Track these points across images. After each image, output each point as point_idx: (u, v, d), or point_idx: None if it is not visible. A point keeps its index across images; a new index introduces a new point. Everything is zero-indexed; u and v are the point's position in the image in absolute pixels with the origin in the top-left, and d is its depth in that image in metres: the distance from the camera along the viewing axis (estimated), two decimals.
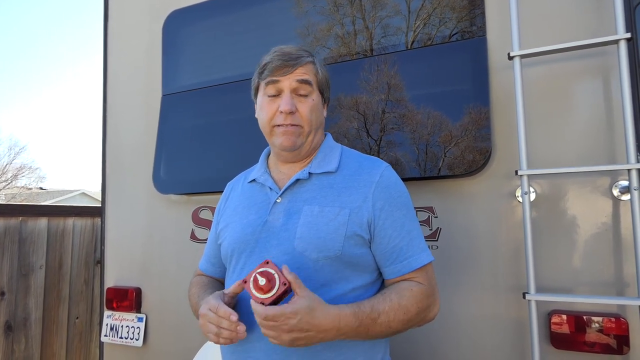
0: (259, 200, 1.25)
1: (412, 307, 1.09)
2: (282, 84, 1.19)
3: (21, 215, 2.94)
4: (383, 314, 1.05)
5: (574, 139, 1.45)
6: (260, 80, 1.24)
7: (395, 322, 1.07)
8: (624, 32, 1.33)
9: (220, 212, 1.38)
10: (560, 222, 1.44)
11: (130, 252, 2.23)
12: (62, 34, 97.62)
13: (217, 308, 1.04)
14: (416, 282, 1.13)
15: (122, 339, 2.15)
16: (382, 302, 1.08)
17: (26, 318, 2.90)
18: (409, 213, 1.18)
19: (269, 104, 1.21)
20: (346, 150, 1.30)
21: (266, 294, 0.97)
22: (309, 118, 1.20)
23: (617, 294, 1.36)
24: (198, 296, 1.27)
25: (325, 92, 1.29)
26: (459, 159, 1.51)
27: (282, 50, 1.22)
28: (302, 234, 1.12)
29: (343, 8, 1.81)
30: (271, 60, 1.20)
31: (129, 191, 2.27)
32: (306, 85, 1.20)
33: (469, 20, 1.61)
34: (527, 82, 1.50)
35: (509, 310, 1.47)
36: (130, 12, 2.38)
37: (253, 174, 1.33)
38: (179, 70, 2.17)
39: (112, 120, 2.38)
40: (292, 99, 1.18)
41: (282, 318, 0.95)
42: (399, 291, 1.10)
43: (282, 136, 1.19)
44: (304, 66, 1.21)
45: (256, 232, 1.18)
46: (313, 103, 1.21)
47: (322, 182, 1.20)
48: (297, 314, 0.96)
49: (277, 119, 1.19)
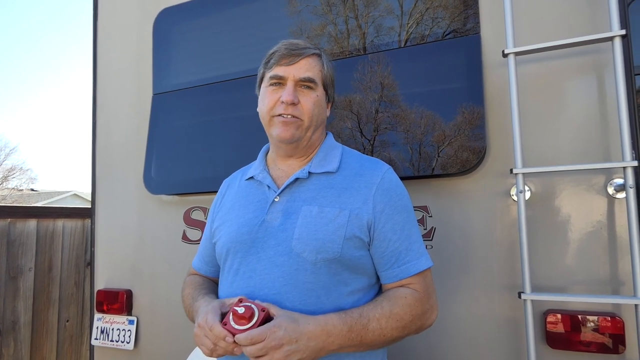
0: (257, 199, 1.22)
1: (405, 314, 1.07)
2: (287, 73, 1.17)
3: (10, 216, 2.90)
4: (374, 321, 1.03)
5: (569, 137, 1.44)
6: (266, 69, 1.23)
7: (389, 330, 1.05)
8: (618, 29, 1.32)
9: (215, 209, 1.35)
10: (555, 221, 1.44)
11: (121, 253, 2.20)
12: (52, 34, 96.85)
13: (212, 327, 1.00)
14: (411, 290, 1.11)
15: (113, 342, 2.11)
16: (372, 308, 1.06)
17: (15, 321, 2.85)
18: (409, 217, 1.16)
19: (271, 93, 1.19)
20: (347, 150, 1.28)
21: (248, 324, 0.97)
22: (310, 112, 1.17)
23: (613, 292, 1.36)
24: (192, 297, 1.24)
25: (329, 89, 1.26)
26: (453, 158, 1.50)
27: (289, 41, 1.21)
28: (301, 234, 1.09)
29: (336, 6, 1.79)
30: (278, 50, 1.20)
31: (120, 192, 2.24)
32: (310, 80, 1.18)
33: (462, 17, 1.59)
34: (522, 79, 1.49)
35: (505, 310, 1.46)
36: (120, 11, 2.35)
37: (251, 171, 1.30)
38: (170, 69, 2.14)
39: (102, 120, 2.35)
40: (294, 90, 1.16)
41: (267, 334, 0.94)
42: (392, 298, 1.09)
43: (280, 127, 1.16)
44: (309, 57, 1.19)
45: (253, 232, 1.15)
46: (317, 98, 1.19)
47: (321, 182, 1.17)
48: (281, 326, 0.95)
49: (277, 108, 1.17)
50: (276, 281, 1.08)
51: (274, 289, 1.07)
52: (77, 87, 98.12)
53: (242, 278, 1.13)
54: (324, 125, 1.29)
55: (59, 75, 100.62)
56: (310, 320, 1.00)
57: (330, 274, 1.08)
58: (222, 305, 1.08)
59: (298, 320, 0.98)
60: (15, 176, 29.20)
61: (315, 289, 1.06)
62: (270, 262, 1.10)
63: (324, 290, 1.07)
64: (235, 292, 1.13)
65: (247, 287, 1.11)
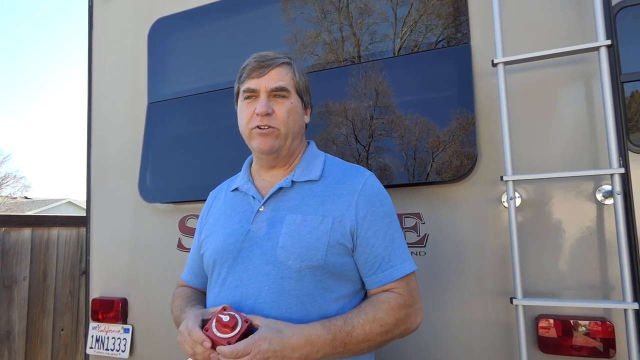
0: (242, 209, 1.24)
1: (389, 319, 1.08)
2: (258, 85, 1.19)
3: (4, 225, 2.89)
4: (358, 327, 1.04)
5: (558, 144, 1.46)
6: (240, 84, 1.25)
7: (373, 335, 1.06)
8: (604, 39, 1.35)
9: (202, 221, 1.37)
10: (545, 227, 1.46)
11: (116, 262, 2.20)
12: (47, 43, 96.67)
13: (192, 332, 1.02)
14: (395, 294, 1.12)
15: (108, 351, 2.11)
16: (356, 315, 1.07)
17: (9, 331, 2.84)
18: (392, 222, 1.18)
19: (246, 107, 1.21)
20: (330, 158, 1.30)
21: (231, 332, 0.97)
22: (285, 120, 1.19)
23: (603, 297, 1.38)
24: (180, 309, 1.26)
25: (304, 96, 1.28)
26: (445, 165, 1.52)
27: (259, 54, 1.24)
28: (285, 243, 1.11)
29: (330, 15, 1.82)
30: (248, 63, 1.23)
31: (115, 200, 2.24)
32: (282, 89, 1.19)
33: (453, 27, 1.62)
34: (511, 88, 1.51)
35: (497, 315, 1.48)
36: (115, 20, 2.36)
37: (236, 182, 1.32)
38: (165, 78, 2.15)
39: (97, 129, 2.35)
40: (268, 101, 1.18)
41: (252, 347, 0.94)
42: (375, 303, 1.10)
43: (259, 139, 1.18)
44: (279, 67, 1.21)
45: (239, 242, 1.17)
46: (291, 106, 1.21)
47: (304, 190, 1.19)
48: (265, 338, 0.96)
49: (253, 121, 1.19)
50: (262, 290, 1.09)
51: (260, 297, 1.08)
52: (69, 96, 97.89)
53: (229, 288, 1.14)
54: (304, 132, 1.30)
55: (50, 84, 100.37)
56: (294, 330, 1.00)
57: (315, 281, 1.09)
58: (204, 313, 1.09)
59: (282, 330, 0.99)
60: (9, 184, 28.97)
61: (300, 296, 1.07)
62: (256, 272, 1.11)
63: (309, 298, 1.08)
64: (222, 301, 1.14)
65: (233, 296, 1.12)
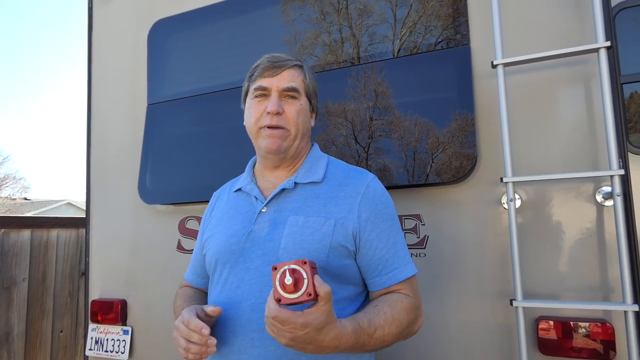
0: (244, 210, 1.24)
1: (403, 319, 1.08)
2: (271, 84, 1.20)
3: (3, 227, 2.88)
4: (379, 329, 1.04)
5: (558, 146, 1.46)
6: (250, 83, 1.26)
7: (389, 336, 1.05)
8: (603, 41, 1.36)
9: (205, 222, 1.37)
10: (545, 228, 1.45)
11: (115, 263, 2.20)
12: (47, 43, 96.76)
13: (189, 321, 1.02)
14: (404, 295, 1.12)
15: (108, 353, 2.10)
16: (377, 316, 1.06)
17: (8, 332, 2.83)
18: (394, 225, 1.18)
19: (256, 105, 1.22)
20: (333, 160, 1.30)
21: (287, 294, 0.88)
22: (295, 120, 1.20)
23: (603, 299, 1.37)
24: (182, 309, 1.25)
25: (312, 99, 1.29)
26: (445, 167, 1.52)
27: (272, 55, 1.25)
28: (287, 244, 1.11)
29: (330, 16, 1.82)
30: (261, 63, 1.24)
31: (114, 201, 2.24)
32: (294, 90, 1.21)
33: (453, 29, 1.62)
34: (511, 89, 1.51)
35: (497, 317, 1.48)
36: (115, 22, 2.36)
37: (239, 183, 1.33)
38: (165, 79, 2.15)
39: (97, 130, 2.35)
40: (279, 100, 1.19)
41: (290, 326, 0.89)
42: (391, 304, 1.09)
43: (268, 139, 1.19)
44: (292, 68, 1.22)
45: (240, 242, 1.17)
46: (301, 107, 1.22)
47: (307, 192, 1.19)
48: (306, 328, 0.89)
49: (263, 119, 1.19)
50: (263, 290, 1.09)
51: (261, 298, 1.08)
52: (69, 96, 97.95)
53: (230, 288, 1.14)
54: (309, 135, 1.31)
55: (50, 84, 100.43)
56: (331, 333, 0.93)
57: None
58: (197, 308, 1.09)
59: (322, 330, 0.92)
60: (8, 185, 28.94)
61: None
62: (258, 272, 1.11)
63: None
64: (222, 301, 1.14)
65: (234, 296, 1.12)
